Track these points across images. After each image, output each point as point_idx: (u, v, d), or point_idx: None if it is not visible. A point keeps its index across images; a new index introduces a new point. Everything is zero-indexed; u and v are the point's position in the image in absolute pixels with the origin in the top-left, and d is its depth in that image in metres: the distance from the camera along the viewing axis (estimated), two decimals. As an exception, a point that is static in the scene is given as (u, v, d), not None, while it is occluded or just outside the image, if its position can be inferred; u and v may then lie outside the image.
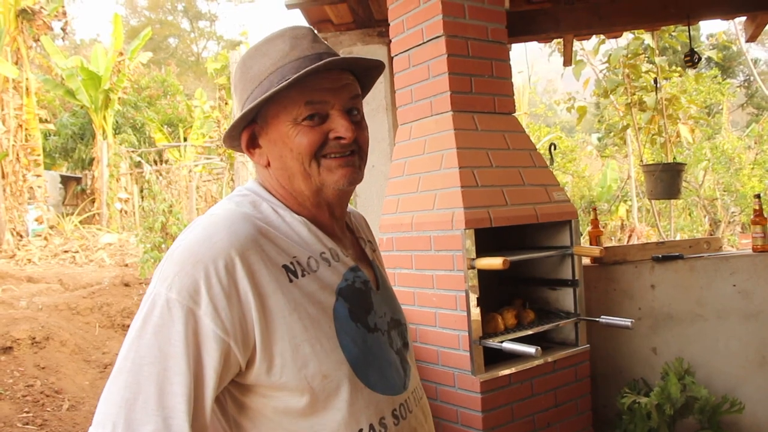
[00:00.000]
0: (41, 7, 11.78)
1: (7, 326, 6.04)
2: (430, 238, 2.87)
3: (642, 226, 9.48)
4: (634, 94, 6.67)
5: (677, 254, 3.52)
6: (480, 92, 3.01)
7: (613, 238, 10.82)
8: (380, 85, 3.87)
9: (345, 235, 1.24)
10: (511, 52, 4.15)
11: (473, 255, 2.69)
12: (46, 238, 12.10)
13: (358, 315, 1.12)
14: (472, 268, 2.68)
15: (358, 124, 1.13)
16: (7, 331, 5.95)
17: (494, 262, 2.59)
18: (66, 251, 11.50)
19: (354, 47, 3.95)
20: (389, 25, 3.27)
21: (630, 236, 8.84)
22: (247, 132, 1.14)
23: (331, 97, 1.09)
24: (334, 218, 1.19)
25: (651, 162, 7.57)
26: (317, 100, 1.08)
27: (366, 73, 1.19)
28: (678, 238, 8.46)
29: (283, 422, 1.04)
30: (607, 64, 6.86)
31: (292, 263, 1.06)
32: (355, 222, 1.33)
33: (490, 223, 2.76)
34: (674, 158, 6.78)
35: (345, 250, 1.18)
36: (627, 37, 6.69)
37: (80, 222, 14.13)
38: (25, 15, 11.72)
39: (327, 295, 1.09)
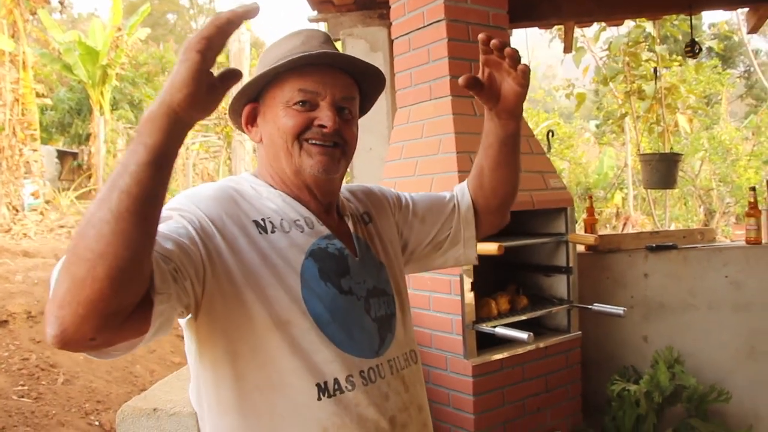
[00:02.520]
0: (38, -20, 11.67)
1: (2, 300, 6.06)
2: (426, 223, 2.88)
3: (637, 214, 9.51)
4: (633, 82, 6.66)
5: (671, 244, 3.54)
6: (480, 77, 3.00)
7: (608, 225, 10.85)
8: (380, 67, 3.83)
9: (331, 216, 1.27)
10: (511, 38, 4.14)
11: (468, 240, 2.70)
12: (42, 213, 12.07)
13: (329, 275, 1.16)
14: (467, 253, 2.69)
15: (348, 122, 1.21)
16: (2, 305, 5.97)
17: (489, 248, 2.59)
18: (62, 226, 11.48)
19: (354, 29, 3.93)
20: (390, 7, 3.25)
21: (625, 224, 8.87)
22: (248, 108, 1.24)
23: (323, 89, 1.17)
24: (318, 201, 1.24)
25: (648, 151, 7.58)
26: (310, 89, 1.16)
27: (367, 82, 1.27)
28: (673, 227, 8.49)
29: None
30: (607, 52, 6.84)
31: (263, 220, 1.15)
32: (348, 202, 1.35)
33: (486, 209, 2.76)
34: (671, 148, 6.78)
35: (322, 221, 1.22)
36: (628, 24, 6.66)
37: (76, 197, 14.09)
38: (22, -13, 11.60)
39: (296, 253, 1.15)
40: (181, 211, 1.06)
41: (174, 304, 0.95)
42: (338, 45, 4.15)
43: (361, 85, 1.27)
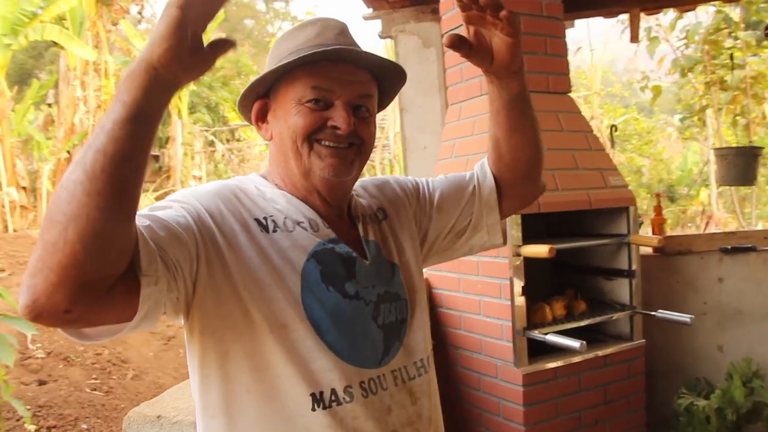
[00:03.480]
0: (119, -8, 12.20)
1: (79, 298, 6.32)
2: (476, 224, 2.76)
3: (721, 212, 8.95)
4: (713, 72, 6.25)
5: (749, 246, 3.27)
6: (532, 71, 2.85)
7: (691, 224, 10.32)
8: (433, 63, 3.75)
9: (341, 220, 1.19)
10: (571, 30, 3.94)
11: (519, 242, 2.56)
12: (123, 214, 12.57)
13: (332, 279, 1.09)
14: (518, 255, 2.56)
15: (364, 120, 1.13)
16: (79, 302, 6.23)
17: (540, 250, 2.45)
18: (141, 227, 11.93)
19: (407, 25, 3.84)
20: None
21: (707, 223, 8.36)
22: (258, 104, 1.17)
23: (339, 87, 1.09)
24: (328, 205, 1.16)
25: (734, 144, 7.11)
26: (324, 86, 1.09)
27: (386, 77, 1.19)
28: (760, 226, 7.95)
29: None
30: (685, 41, 6.45)
31: (265, 218, 1.09)
32: (360, 200, 1.27)
33: (539, 209, 2.62)
34: (750, 141, 6.32)
35: (329, 224, 1.15)
36: (708, 10, 6.27)
37: (156, 198, 14.64)
38: (103, 0, 12.15)
39: (298, 253, 1.08)
40: (181, 203, 1.02)
41: (162, 289, 0.89)
42: (390, 42, 4.08)
43: (380, 80, 1.18)
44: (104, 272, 0.79)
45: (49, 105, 14.56)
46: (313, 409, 1.02)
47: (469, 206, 1.34)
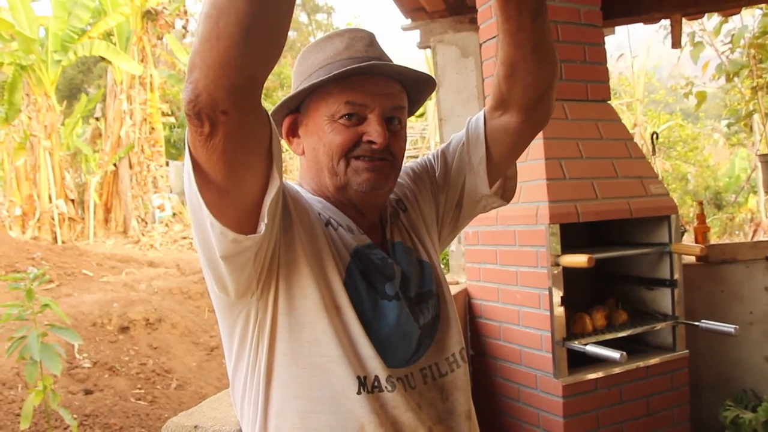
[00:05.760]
0: (164, 7, 12.53)
1: (125, 308, 6.48)
2: (514, 233, 2.76)
3: (769, 220, 8.69)
4: (760, 76, 6.10)
5: (797, 254, 3.18)
6: (571, 79, 2.84)
7: (738, 232, 10.05)
8: (471, 73, 3.75)
9: (374, 231, 1.20)
10: (611, 37, 3.91)
11: (558, 251, 2.55)
12: (167, 225, 12.88)
13: (372, 280, 1.11)
14: (557, 265, 2.54)
15: (396, 134, 1.14)
16: (124, 312, 6.38)
17: (579, 260, 2.43)
18: (184, 237, 12.21)
19: (445, 35, 3.85)
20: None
21: (755, 231, 8.13)
22: (289, 119, 1.18)
23: (372, 101, 1.10)
24: (362, 215, 1.18)
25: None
26: (358, 101, 1.09)
27: (416, 87, 1.19)
28: (812, 234, 7.69)
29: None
30: (730, 45, 6.31)
31: (318, 213, 1.13)
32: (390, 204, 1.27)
33: (578, 218, 2.60)
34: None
35: (364, 232, 1.17)
36: (755, 14, 6.12)
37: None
38: (149, 16, 12.51)
39: (343, 249, 1.11)
40: None
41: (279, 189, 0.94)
42: (428, 52, 4.10)
43: (410, 89, 1.19)
44: (256, 72, 0.82)
45: (97, 119, 15.03)
46: (359, 393, 1.03)
47: (460, 179, 1.31)
